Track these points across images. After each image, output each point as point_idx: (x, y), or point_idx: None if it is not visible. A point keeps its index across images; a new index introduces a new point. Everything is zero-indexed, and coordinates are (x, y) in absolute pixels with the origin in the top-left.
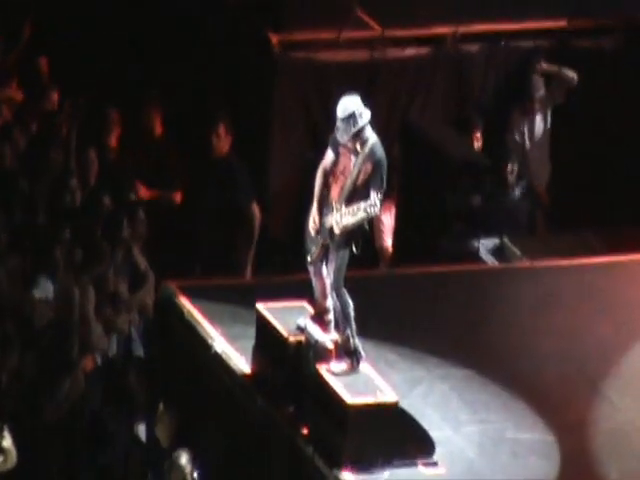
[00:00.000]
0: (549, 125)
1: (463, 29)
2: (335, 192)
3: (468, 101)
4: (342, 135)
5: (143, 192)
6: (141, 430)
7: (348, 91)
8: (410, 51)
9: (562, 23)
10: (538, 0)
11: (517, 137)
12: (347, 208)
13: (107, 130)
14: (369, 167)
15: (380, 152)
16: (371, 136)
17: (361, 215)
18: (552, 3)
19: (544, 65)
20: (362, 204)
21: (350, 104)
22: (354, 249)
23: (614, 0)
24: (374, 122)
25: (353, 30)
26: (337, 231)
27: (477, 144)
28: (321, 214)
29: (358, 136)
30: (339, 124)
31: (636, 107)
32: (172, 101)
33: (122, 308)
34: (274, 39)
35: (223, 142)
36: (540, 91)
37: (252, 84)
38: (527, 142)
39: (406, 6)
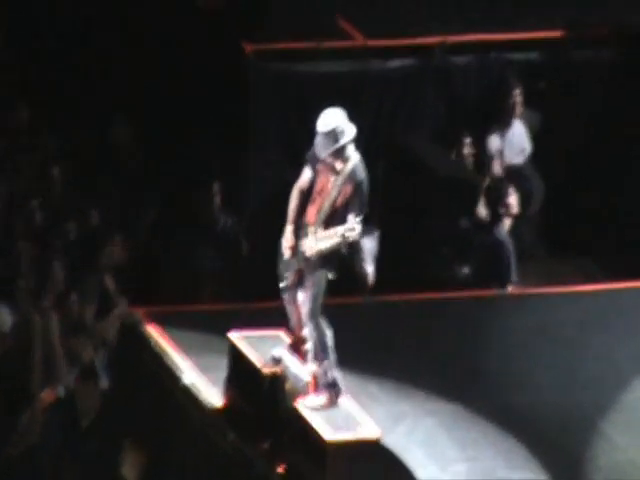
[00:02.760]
0: (529, 142)
1: (452, 39)
2: (311, 214)
3: (457, 116)
4: (321, 151)
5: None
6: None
7: (328, 105)
8: (395, 62)
9: (557, 33)
10: (532, 9)
11: (492, 153)
12: (324, 231)
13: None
14: (349, 188)
15: (362, 173)
16: (353, 155)
17: (338, 239)
18: (546, 13)
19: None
20: (340, 228)
21: (332, 118)
22: (331, 275)
23: (610, 9)
24: (355, 138)
25: (334, 40)
26: (313, 255)
27: (467, 162)
28: (296, 237)
29: (339, 154)
30: (319, 139)
31: (635, 120)
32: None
33: (86, 337)
34: (249, 48)
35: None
36: (518, 108)
37: (227, 97)
38: (504, 158)
39: (391, 15)
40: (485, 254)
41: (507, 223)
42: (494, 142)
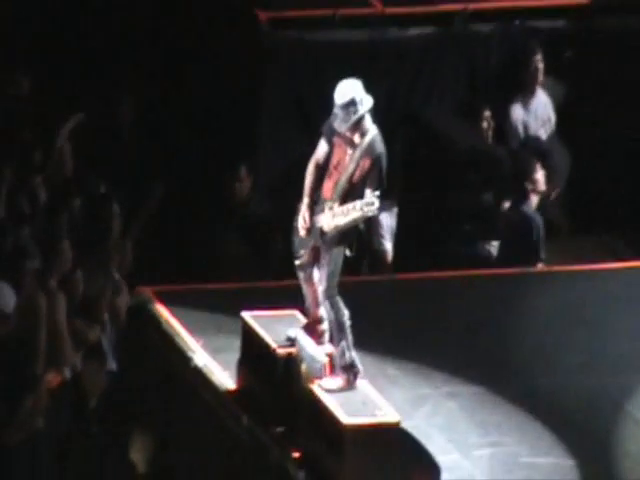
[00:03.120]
0: (553, 113)
1: (473, 6)
2: (328, 188)
3: (478, 87)
4: (340, 124)
5: None
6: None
7: (345, 75)
8: (414, 31)
9: (584, 0)
10: None
11: (516, 126)
12: (341, 207)
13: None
14: (367, 162)
15: (380, 146)
16: (371, 128)
17: (356, 215)
18: None
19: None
20: (358, 202)
21: (350, 89)
22: (348, 252)
23: None
24: (373, 111)
25: (351, 7)
26: (329, 232)
27: (487, 130)
28: (312, 213)
29: (357, 126)
30: (337, 111)
31: None
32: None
33: (93, 317)
34: (263, 17)
35: (244, 186)
36: (540, 75)
37: (239, 66)
38: (529, 131)
39: None
40: (512, 231)
41: (534, 200)
42: (517, 112)
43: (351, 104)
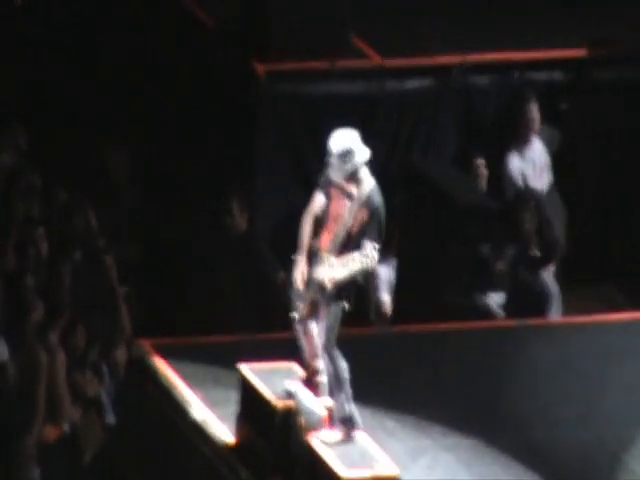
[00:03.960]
0: (549, 163)
1: (471, 59)
2: (326, 240)
3: (477, 139)
4: (335, 173)
5: None
6: None
7: (343, 127)
8: (412, 83)
9: (581, 52)
10: (555, 28)
11: (514, 175)
12: (339, 259)
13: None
14: (365, 214)
15: (378, 198)
16: (367, 179)
17: (355, 267)
18: (570, 31)
19: None
20: (356, 255)
21: (346, 139)
22: (347, 305)
23: (633, 28)
24: (372, 163)
25: (349, 59)
26: (328, 285)
27: (483, 178)
28: (309, 265)
29: (354, 177)
30: (332, 161)
31: None
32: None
33: (92, 371)
34: (260, 69)
35: (239, 220)
36: (535, 123)
37: (235, 119)
38: (527, 181)
39: (408, 33)
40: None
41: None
42: (514, 162)
43: (347, 154)
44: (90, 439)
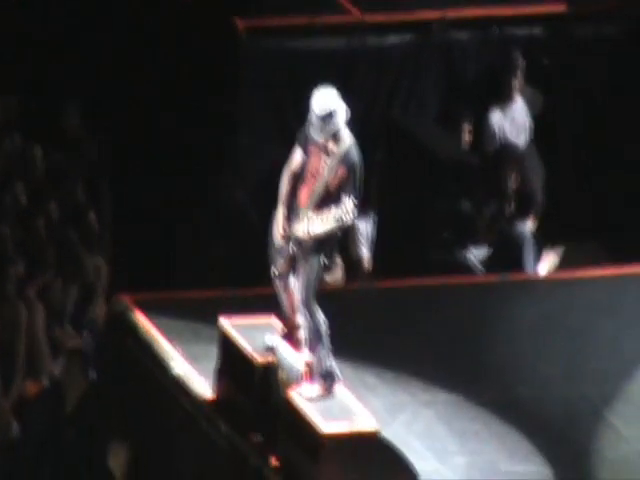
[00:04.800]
0: (530, 120)
1: (452, 14)
2: (304, 196)
3: (457, 94)
4: (318, 134)
5: None
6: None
7: (323, 83)
8: (393, 39)
9: (561, 8)
10: None
11: (494, 132)
12: (318, 214)
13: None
14: (343, 171)
15: (356, 155)
16: (346, 136)
17: (333, 223)
18: None
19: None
20: (334, 210)
21: (328, 100)
22: (325, 261)
23: None
24: (352, 119)
25: (329, 15)
26: (306, 240)
27: (467, 143)
28: (288, 220)
29: (333, 135)
30: (315, 121)
31: (638, 98)
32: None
33: (71, 325)
34: (241, 25)
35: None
36: (519, 84)
37: (216, 75)
38: (507, 137)
39: None
40: (505, 244)
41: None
42: (495, 119)
43: (329, 115)
44: (73, 390)
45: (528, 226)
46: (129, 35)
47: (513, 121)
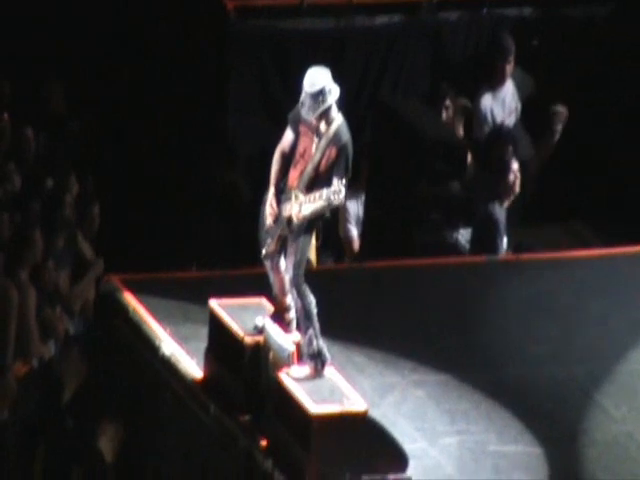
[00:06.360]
0: (519, 102)
1: None
2: (294, 177)
3: (446, 75)
4: (308, 112)
5: None
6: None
7: (312, 64)
8: (381, 19)
9: None
10: None
11: (485, 115)
12: (307, 195)
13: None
14: (333, 151)
15: (346, 136)
16: (337, 117)
17: (323, 203)
18: None
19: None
20: (324, 191)
21: (320, 78)
22: (314, 241)
23: None
24: (341, 99)
25: None
26: (296, 221)
27: (456, 122)
28: (278, 201)
29: (324, 115)
30: (305, 100)
31: (627, 81)
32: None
33: (62, 306)
34: (229, 5)
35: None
36: (510, 65)
37: (205, 55)
38: (497, 120)
39: None
40: (480, 224)
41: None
42: (486, 101)
43: (320, 93)
44: (71, 377)
45: (504, 207)
46: (116, 17)
47: (504, 104)
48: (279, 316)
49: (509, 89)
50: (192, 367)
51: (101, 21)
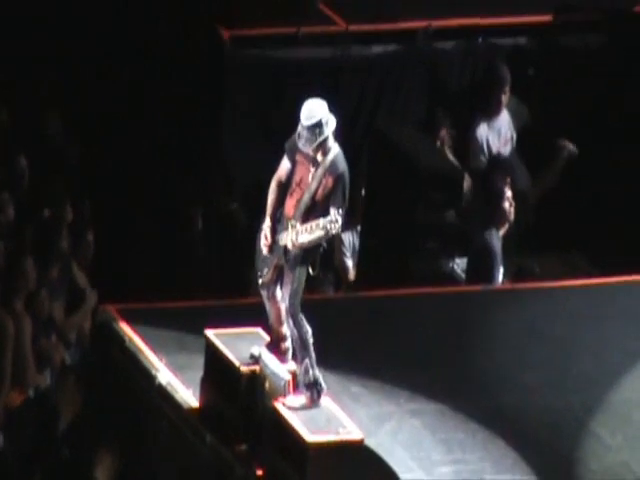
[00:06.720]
0: (514, 132)
1: (436, 24)
2: (290, 206)
3: (442, 105)
4: (305, 144)
5: None
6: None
7: (308, 93)
8: (377, 48)
9: (547, 18)
10: None
11: (481, 144)
12: (304, 224)
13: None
14: (330, 181)
15: (342, 165)
16: (333, 146)
17: (319, 233)
18: None
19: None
20: (321, 220)
21: (316, 110)
22: (311, 270)
23: None
24: (337, 128)
25: (313, 25)
26: (292, 250)
27: (451, 152)
28: (274, 231)
29: (321, 146)
30: (302, 132)
31: (624, 110)
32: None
33: (57, 336)
34: (225, 34)
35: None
36: (506, 96)
37: (201, 85)
38: (493, 150)
39: None
40: (476, 253)
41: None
42: (481, 131)
43: (317, 126)
44: (67, 406)
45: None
46: (114, 45)
47: (499, 133)
48: (275, 345)
49: (505, 118)
50: (188, 396)
51: (94, 51)
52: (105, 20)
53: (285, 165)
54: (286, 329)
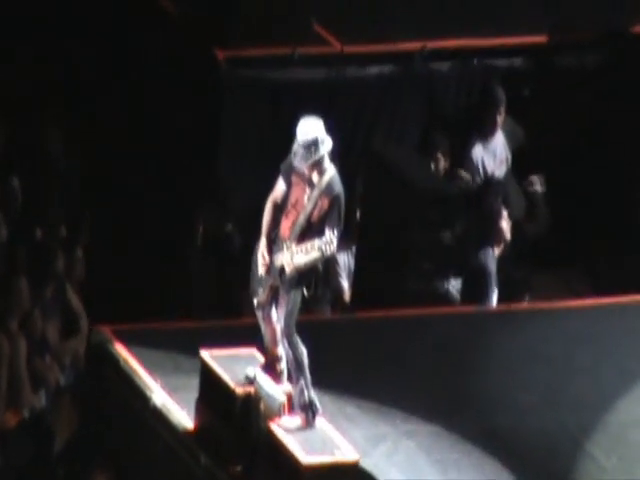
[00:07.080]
0: (509, 153)
1: (432, 45)
2: (286, 227)
3: (438, 125)
4: (300, 161)
5: None
6: None
7: (304, 114)
8: (373, 69)
9: (542, 39)
10: (516, 14)
11: (476, 165)
12: (299, 245)
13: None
14: (325, 202)
15: (338, 186)
16: (329, 168)
17: (315, 254)
18: (531, 18)
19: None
20: (316, 242)
21: (313, 128)
22: (306, 291)
23: (596, 14)
24: (333, 149)
25: (309, 46)
26: (288, 271)
27: (446, 172)
28: (270, 251)
29: (317, 166)
30: (298, 149)
31: (619, 129)
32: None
33: (51, 357)
34: (221, 55)
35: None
36: (501, 117)
37: (197, 105)
38: (488, 171)
39: (368, 20)
40: (471, 274)
41: (497, 249)
42: (476, 152)
43: (313, 143)
44: (63, 426)
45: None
46: (111, 66)
47: (494, 154)
48: (270, 367)
49: (500, 139)
50: (183, 417)
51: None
52: (104, 43)
53: (281, 186)
54: (281, 350)
